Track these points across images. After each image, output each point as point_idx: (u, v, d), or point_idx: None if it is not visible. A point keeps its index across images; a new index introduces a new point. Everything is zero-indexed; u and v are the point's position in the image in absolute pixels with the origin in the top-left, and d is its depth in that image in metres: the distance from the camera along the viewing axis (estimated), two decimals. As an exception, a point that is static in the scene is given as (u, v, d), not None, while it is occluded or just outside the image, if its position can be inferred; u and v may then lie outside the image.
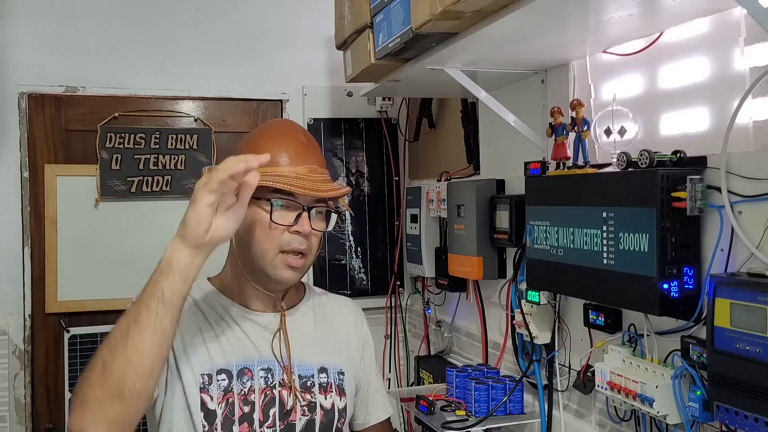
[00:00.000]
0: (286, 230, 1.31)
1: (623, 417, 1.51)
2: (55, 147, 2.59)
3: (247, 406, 1.30)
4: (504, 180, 2.04)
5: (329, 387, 1.39)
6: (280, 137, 1.35)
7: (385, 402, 1.58)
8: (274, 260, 1.31)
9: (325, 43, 2.77)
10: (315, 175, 1.33)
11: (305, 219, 1.31)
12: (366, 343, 1.55)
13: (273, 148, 1.30)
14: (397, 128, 2.97)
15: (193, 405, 1.28)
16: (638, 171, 1.31)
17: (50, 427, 2.55)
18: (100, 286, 2.59)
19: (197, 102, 2.76)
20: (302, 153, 1.34)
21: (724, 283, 1.13)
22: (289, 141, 1.35)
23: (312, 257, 1.36)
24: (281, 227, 1.30)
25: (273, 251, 1.30)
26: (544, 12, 1.29)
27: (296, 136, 1.37)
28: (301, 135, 1.38)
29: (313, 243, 1.34)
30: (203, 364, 1.30)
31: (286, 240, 1.31)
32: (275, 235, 1.30)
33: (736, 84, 1.28)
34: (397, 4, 1.61)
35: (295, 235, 1.31)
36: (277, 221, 1.29)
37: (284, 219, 1.30)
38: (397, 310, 2.91)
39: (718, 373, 1.14)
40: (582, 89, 1.71)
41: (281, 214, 1.30)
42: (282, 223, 1.30)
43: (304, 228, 1.31)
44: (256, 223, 1.30)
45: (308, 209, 1.31)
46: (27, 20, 2.55)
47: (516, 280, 1.87)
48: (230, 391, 1.30)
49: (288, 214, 1.31)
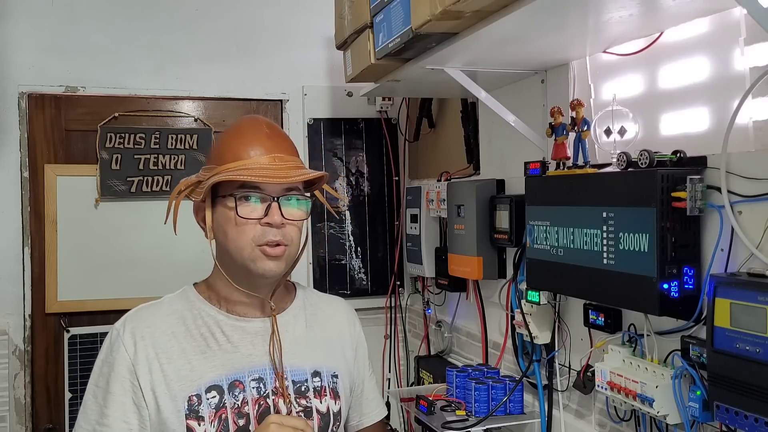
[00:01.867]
0: (257, 223, 1.28)
1: (623, 417, 1.51)
2: (55, 147, 2.59)
3: (241, 419, 1.27)
4: (504, 180, 2.04)
5: (323, 391, 1.37)
6: (244, 133, 1.34)
7: (379, 403, 1.55)
8: (252, 254, 1.28)
9: (325, 43, 2.77)
10: (281, 163, 1.30)
11: (275, 209, 1.28)
12: (359, 343, 1.52)
13: (237, 144, 1.30)
14: (397, 128, 2.97)
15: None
16: (638, 171, 1.31)
17: (50, 427, 2.55)
18: (100, 286, 2.59)
19: (197, 102, 2.76)
20: (266, 144, 1.31)
21: (724, 283, 1.13)
22: (252, 134, 1.33)
23: (294, 247, 1.33)
24: (252, 221, 1.28)
25: (248, 246, 1.28)
26: (544, 12, 1.29)
27: (260, 129, 1.34)
28: (264, 127, 1.35)
29: (290, 233, 1.31)
30: (190, 385, 1.27)
31: (259, 233, 1.28)
32: (247, 230, 1.28)
33: (736, 84, 1.28)
34: (397, 4, 1.61)
35: (268, 228, 1.28)
36: (244, 215, 1.27)
37: (254, 212, 1.28)
38: (397, 310, 2.91)
39: (718, 373, 1.14)
40: (582, 89, 1.71)
41: (250, 208, 1.28)
42: (251, 217, 1.28)
43: (274, 219, 1.28)
44: (227, 221, 1.29)
45: (276, 199, 1.29)
46: (27, 20, 2.55)
47: (516, 280, 1.87)
48: (223, 407, 1.27)
49: (258, 206, 1.28)
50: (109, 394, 1.26)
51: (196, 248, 2.67)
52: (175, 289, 1.43)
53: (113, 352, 1.29)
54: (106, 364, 1.29)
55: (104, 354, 1.31)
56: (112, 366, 1.28)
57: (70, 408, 2.53)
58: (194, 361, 1.29)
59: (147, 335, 1.30)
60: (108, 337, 1.33)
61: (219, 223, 1.30)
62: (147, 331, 1.31)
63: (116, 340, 1.30)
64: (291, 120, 2.85)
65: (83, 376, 2.55)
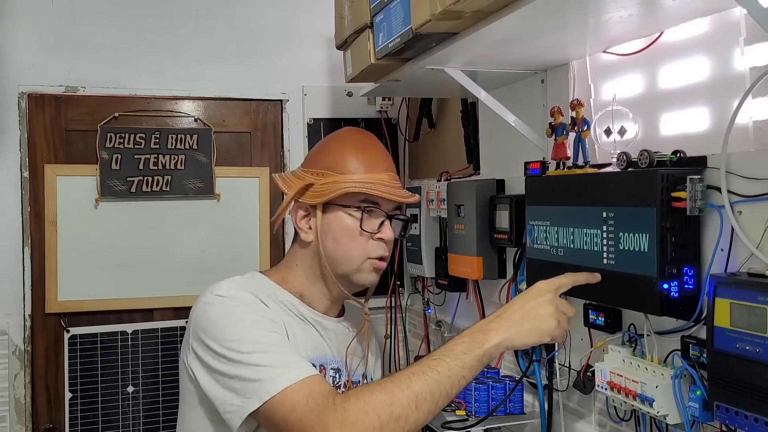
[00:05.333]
0: (370, 238, 1.32)
1: (623, 417, 1.51)
2: (55, 147, 2.59)
3: None
4: (504, 180, 2.04)
5: None
6: (364, 147, 1.36)
7: None
8: (362, 266, 1.33)
9: (325, 43, 2.77)
10: (396, 182, 1.35)
11: (388, 226, 1.33)
12: (380, 348, 1.58)
13: (361, 156, 1.33)
14: (397, 128, 2.97)
15: None
16: (638, 171, 1.31)
17: (50, 427, 2.55)
18: (100, 286, 2.59)
19: (197, 102, 2.76)
20: (386, 161, 1.36)
21: (724, 283, 1.13)
22: (374, 150, 1.36)
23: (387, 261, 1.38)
24: (366, 234, 1.31)
25: (361, 258, 1.32)
26: (544, 12, 1.29)
27: (377, 145, 1.38)
28: (379, 143, 1.40)
29: (391, 249, 1.36)
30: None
31: (373, 247, 1.32)
32: (361, 242, 1.32)
33: (736, 84, 1.28)
34: (397, 4, 1.61)
35: (380, 242, 1.33)
36: (368, 229, 1.31)
37: (369, 226, 1.32)
38: (397, 310, 2.91)
39: (718, 373, 1.14)
40: (582, 89, 1.71)
41: (372, 223, 1.32)
42: (369, 230, 1.31)
43: (388, 235, 1.32)
44: (343, 230, 1.32)
45: (390, 217, 1.33)
46: (27, 20, 2.55)
47: (516, 280, 1.87)
48: None
49: (372, 221, 1.32)
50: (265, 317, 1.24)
51: (197, 248, 2.68)
52: (175, 288, 1.43)
53: (249, 304, 1.25)
54: (242, 306, 1.24)
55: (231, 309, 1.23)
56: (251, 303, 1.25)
57: (70, 408, 2.53)
58: (298, 333, 1.31)
59: (263, 295, 1.29)
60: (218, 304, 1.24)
61: (329, 229, 1.32)
62: (256, 291, 1.30)
63: (241, 294, 1.26)
64: (291, 120, 2.85)
65: (83, 376, 2.55)
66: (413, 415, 1.09)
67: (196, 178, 2.69)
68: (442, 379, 1.11)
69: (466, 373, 1.13)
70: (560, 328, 1.21)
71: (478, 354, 1.14)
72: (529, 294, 1.24)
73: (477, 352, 1.14)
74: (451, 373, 1.12)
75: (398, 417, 1.07)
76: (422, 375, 1.11)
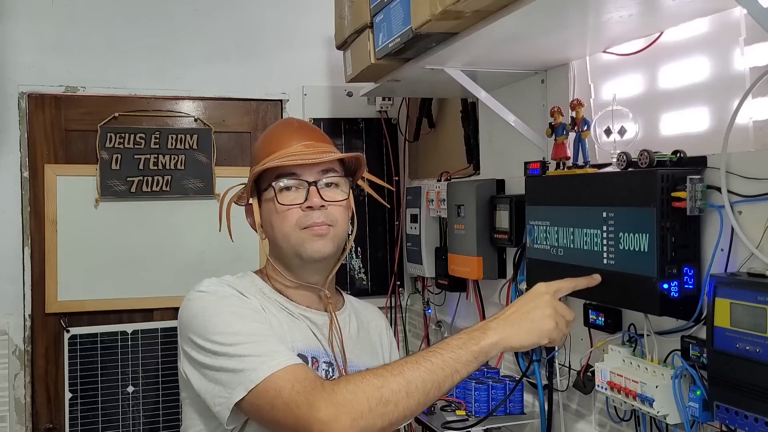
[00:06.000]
0: (299, 209, 1.32)
1: (623, 417, 1.51)
2: (55, 147, 2.59)
3: None
4: (504, 180, 2.04)
5: None
6: (274, 130, 1.41)
7: None
8: (299, 237, 1.31)
9: (325, 43, 2.77)
10: (312, 149, 1.34)
11: (313, 193, 1.32)
12: (393, 349, 1.56)
13: (269, 140, 1.38)
14: (397, 128, 2.97)
15: None
16: (638, 171, 1.31)
17: (50, 427, 2.55)
18: (100, 286, 2.59)
19: (197, 102, 2.76)
20: (295, 135, 1.37)
21: (724, 283, 1.13)
22: (282, 128, 1.41)
23: (341, 228, 1.35)
24: (294, 207, 1.31)
25: (293, 231, 1.31)
26: (544, 12, 1.29)
27: (290, 124, 1.43)
28: (294, 122, 1.44)
29: (334, 213, 1.34)
30: (285, 345, 1.27)
31: (302, 217, 1.31)
32: (290, 215, 1.31)
33: (736, 84, 1.28)
34: (397, 4, 1.61)
35: (310, 211, 1.31)
36: (284, 202, 1.31)
37: (294, 199, 1.32)
38: (397, 310, 2.91)
39: (718, 373, 1.14)
40: (582, 89, 1.71)
41: (290, 196, 1.32)
42: (291, 203, 1.31)
43: (314, 201, 1.31)
44: (270, 213, 1.34)
45: (314, 183, 1.32)
46: (27, 20, 2.55)
47: (516, 280, 1.87)
48: None
49: (298, 193, 1.32)
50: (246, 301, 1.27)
51: (196, 248, 2.68)
52: (175, 288, 1.44)
53: (228, 297, 1.27)
54: (222, 299, 1.26)
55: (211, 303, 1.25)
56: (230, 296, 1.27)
57: (70, 408, 2.53)
58: (287, 325, 1.31)
59: (246, 291, 1.31)
60: (198, 300, 1.27)
61: (265, 218, 1.35)
62: (241, 288, 1.32)
63: (221, 289, 1.28)
64: (291, 120, 2.85)
65: (83, 376, 2.55)
66: (403, 402, 1.08)
67: (196, 178, 2.69)
68: (435, 369, 1.11)
69: (460, 367, 1.13)
70: (558, 330, 1.21)
71: (473, 350, 1.14)
72: (527, 296, 1.25)
73: (473, 347, 1.14)
74: (445, 365, 1.12)
75: (387, 401, 1.07)
76: (415, 364, 1.11)
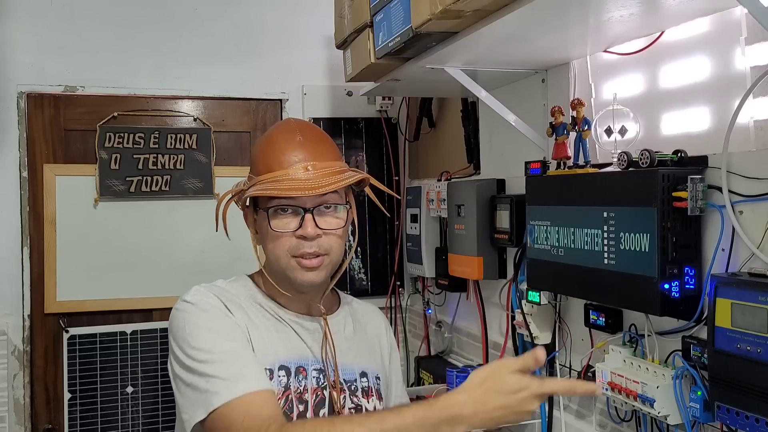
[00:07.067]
0: (292, 235, 1.28)
1: (624, 417, 1.50)
2: (54, 147, 2.58)
3: (301, 404, 1.29)
4: (504, 180, 2.04)
5: (370, 391, 1.39)
6: (275, 141, 1.33)
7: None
8: (289, 264, 1.30)
9: (325, 43, 2.77)
10: (314, 171, 1.28)
11: (308, 221, 1.28)
12: (393, 349, 1.54)
13: (269, 153, 1.30)
14: (397, 128, 2.97)
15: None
16: (639, 171, 1.31)
17: (49, 427, 2.54)
18: (100, 286, 2.59)
19: (197, 102, 2.75)
20: (298, 153, 1.29)
21: (725, 283, 1.13)
22: (284, 142, 1.31)
23: (335, 255, 1.33)
24: (287, 233, 1.28)
25: (285, 257, 1.29)
26: (545, 11, 1.29)
27: (292, 137, 1.31)
28: (297, 133, 1.32)
29: (328, 242, 1.30)
30: (265, 358, 1.27)
31: (294, 245, 1.29)
32: (283, 241, 1.29)
33: (736, 83, 1.27)
34: (397, 3, 1.60)
35: (302, 240, 1.28)
36: (278, 229, 1.28)
37: (288, 225, 1.28)
38: (397, 310, 2.91)
39: (718, 373, 1.14)
40: (583, 88, 1.71)
41: (284, 222, 1.29)
42: (284, 230, 1.28)
43: (307, 231, 1.27)
44: (265, 233, 1.31)
45: (310, 210, 1.28)
46: (27, 20, 2.54)
47: (516, 280, 1.87)
48: (288, 388, 1.29)
49: (292, 219, 1.29)
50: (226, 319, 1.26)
51: (196, 248, 2.68)
52: (174, 288, 1.43)
53: (209, 310, 1.27)
54: (202, 312, 1.26)
55: (191, 316, 1.26)
56: (212, 309, 1.27)
57: (70, 408, 2.52)
58: (272, 335, 1.31)
59: (232, 300, 1.31)
60: (183, 311, 1.28)
61: (261, 231, 1.34)
62: (229, 296, 1.31)
63: (204, 300, 1.28)
64: (291, 120, 2.85)
65: (83, 377, 2.54)
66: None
67: (196, 177, 2.69)
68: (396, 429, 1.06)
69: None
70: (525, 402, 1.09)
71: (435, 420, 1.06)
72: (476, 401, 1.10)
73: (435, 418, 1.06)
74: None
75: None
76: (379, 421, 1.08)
